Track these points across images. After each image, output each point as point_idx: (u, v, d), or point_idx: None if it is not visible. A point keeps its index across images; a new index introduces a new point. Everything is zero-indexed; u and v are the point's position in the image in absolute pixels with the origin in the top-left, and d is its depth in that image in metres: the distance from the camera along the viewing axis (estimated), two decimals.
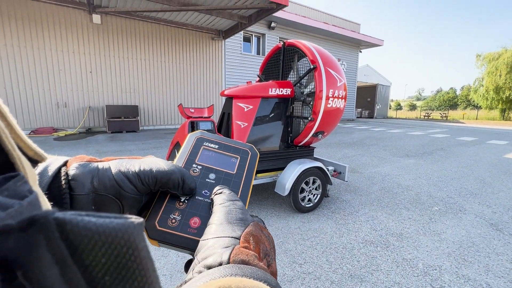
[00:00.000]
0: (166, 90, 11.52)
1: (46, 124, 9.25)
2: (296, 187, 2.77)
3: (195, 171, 0.36)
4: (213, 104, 3.36)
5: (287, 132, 3.15)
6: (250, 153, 0.41)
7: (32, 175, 0.17)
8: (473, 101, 29.13)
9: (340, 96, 2.88)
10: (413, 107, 69.55)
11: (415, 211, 3.02)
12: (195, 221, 0.32)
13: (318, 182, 3.00)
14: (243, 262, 0.22)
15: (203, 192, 0.34)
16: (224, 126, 3.02)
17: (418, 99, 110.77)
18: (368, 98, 23.78)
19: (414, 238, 2.41)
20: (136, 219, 0.14)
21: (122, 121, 9.77)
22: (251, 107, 2.79)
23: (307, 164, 2.84)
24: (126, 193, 0.29)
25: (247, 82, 3.03)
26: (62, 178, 0.26)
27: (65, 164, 0.28)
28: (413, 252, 2.18)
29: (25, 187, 0.15)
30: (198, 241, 0.29)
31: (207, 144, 0.40)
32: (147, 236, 0.31)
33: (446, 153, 6.72)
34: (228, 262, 0.22)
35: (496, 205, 3.26)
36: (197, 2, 8.64)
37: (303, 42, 2.98)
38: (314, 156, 3.41)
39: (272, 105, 2.94)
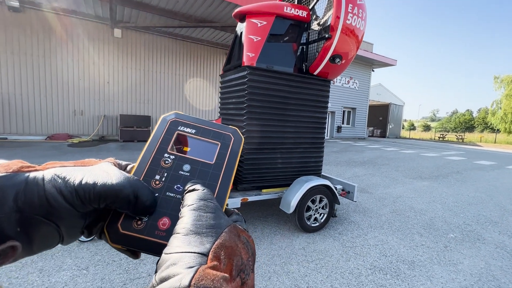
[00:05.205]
0: (178, 102, 11.80)
1: (63, 130, 9.58)
2: (302, 205, 2.67)
3: (166, 162, 0.31)
4: (221, 117, 3.35)
5: (302, 60, 2.98)
6: (233, 138, 0.35)
7: None
8: (491, 124, 28.16)
9: (360, 16, 2.64)
10: (427, 128, 68.09)
11: (429, 237, 2.83)
12: (164, 222, 0.27)
13: (325, 201, 2.89)
14: None
15: (175, 187, 0.29)
16: (236, 46, 2.92)
17: (433, 120, 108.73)
18: (380, 117, 23.48)
19: (427, 267, 2.24)
20: None
21: (134, 131, 10.01)
22: (265, 23, 2.62)
23: (314, 181, 2.75)
24: (61, 213, 0.23)
25: None
26: None
27: None
28: (426, 283, 2.01)
29: None
30: (166, 246, 0.25)
31: (182, 128, 0.34)
32: (109, 240, 0.26)
33: (462, 176, 6.42)
34: None
35: None
36: (213, 19, 8.98)
37: None
38: (322, 173, 3.31)
39: (287, 26, 2.74)
